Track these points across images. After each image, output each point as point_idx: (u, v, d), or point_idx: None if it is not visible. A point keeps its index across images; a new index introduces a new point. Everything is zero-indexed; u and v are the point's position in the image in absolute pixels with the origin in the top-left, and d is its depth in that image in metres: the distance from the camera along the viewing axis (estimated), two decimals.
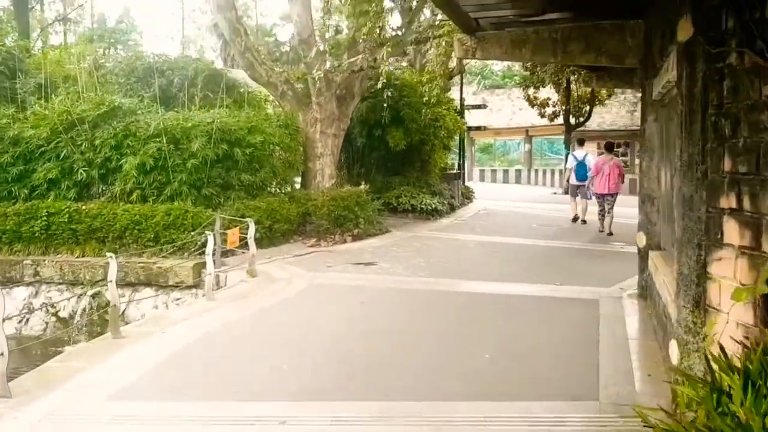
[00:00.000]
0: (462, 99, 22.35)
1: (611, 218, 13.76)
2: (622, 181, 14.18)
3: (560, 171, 31.96)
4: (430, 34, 12.12)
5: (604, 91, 27.43)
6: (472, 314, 7.18)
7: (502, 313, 7.21)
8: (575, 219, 15.58)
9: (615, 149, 27.72)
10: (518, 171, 36.67)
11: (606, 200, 13.71)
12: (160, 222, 10.64)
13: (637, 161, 31.80)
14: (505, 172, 37.35)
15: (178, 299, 10.04)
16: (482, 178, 36.32)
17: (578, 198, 15.59)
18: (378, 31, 12.62)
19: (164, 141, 11.11)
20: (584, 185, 15.32)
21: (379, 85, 11.66)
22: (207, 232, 8.48)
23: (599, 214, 13.99)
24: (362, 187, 14.29)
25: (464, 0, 6.94)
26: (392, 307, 7.59)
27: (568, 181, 16.69)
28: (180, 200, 11.07)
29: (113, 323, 6.55)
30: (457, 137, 20.70)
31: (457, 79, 24.55)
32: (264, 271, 9.75)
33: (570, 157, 16.62)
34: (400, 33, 13.68)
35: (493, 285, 8.61)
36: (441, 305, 7.65)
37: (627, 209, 17.10)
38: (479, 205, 20.51)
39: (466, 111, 22.38)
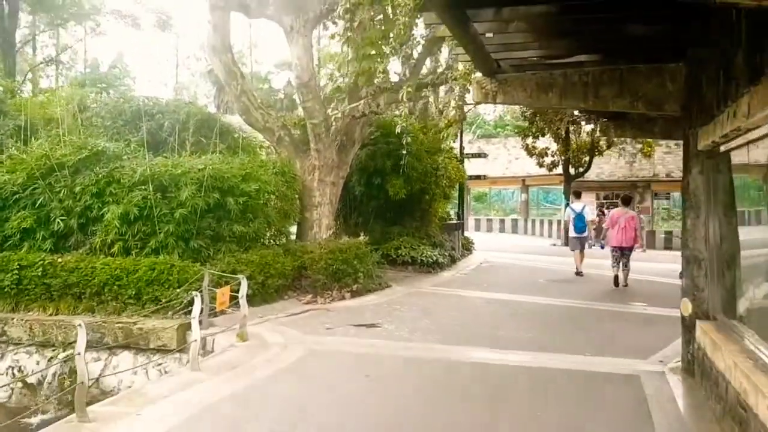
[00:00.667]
0: (462, 147, 21.75)
1: (628, 271, 13.64)
2: (640, 235, 14.00)
3: (558, 221, 31.32)
4: (447, 75, 11.42)
5: (603, 141, 27.02)
6: (496, 396, 6.23)
7: (533, 394, 6.27)
8: (580, 273, 15.58)
9: (614, 200, 27.06)
10: (514, 221, 35.99)
11: (624, 254, 13.57)
12: (143, 277, 9.68)
13: (640, 214, 31.32)
14: (502, 221, 36.67)
15: (161, 364, 9.03)
16: (477, 228, 35.57)
17: (577, 251, 15.75)
18: (381, 76, 11.96)
19: (151, 188, 10.24)
20: (585, 237, 15.69)
21: (398, 129, 10.88)
22: (193, 293, 7.54)
23: (613, 267, 13.73)
24: (362, 238, 13.44)
25: (488, 39, 6.22)
26: (402, 384, 6.63)
27: (566, 232, 16.34)
28: (166, 253, 10.14)
29: (79, 404, 5.55)
30: (457, 186, 19.98)
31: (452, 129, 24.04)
32: (256, 333, 8.79)
33: (568, 209, 16.63)
34: (404, 77, 12.99)
35: (514, 355, 7.68)
36: (458, 381, 6.69)
37: (640, 263, 16.50)
38: (480, 257, 19.68)
39: (465, 160, 21.72)
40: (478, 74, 7.52)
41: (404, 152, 15.06)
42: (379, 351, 7.87)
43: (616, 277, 13.63)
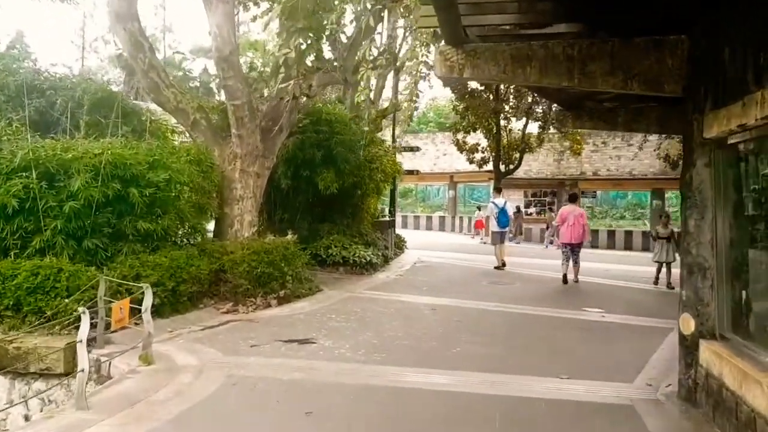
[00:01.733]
0: (394, 140, 20.55)
1: (578, 267, 13.94)
2: (587, 231, 14.29)
3: (486, 218, 30.69)
4: (388, 58, 10.09)
5: (534, 138, 26.56)
6: None
7: None
8: (499, 267, 15.93)
9: (542, 198, 26.78)
10: (442, 218, 35.20)
11: (573, 250, 13.91)
12: (23, 284, 7.86)
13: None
14: (429, 218, 35.77)
15: (42, 393, 7.31)
16: (405, 225, 34.51)
17: (498, 245, 16.16)
18: (314, 53, 10.50)
19: (34, 176, 8.42)
20: (506, 232, 16.36)
21: (361, 97, 9.34)
22: (80, 309, 5.88)
23: (563, 265, 13.93)
24: (289, 237, 11.97)
25: None
26: (353, 425, 5.26)
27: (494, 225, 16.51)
28: (53, 255, 8.36)
29: None
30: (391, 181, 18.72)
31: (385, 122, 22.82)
32: (164, 354, 7.22)
33: (490, 204, 16.86)
34: (341, 58, 11.59)
35: (477, 378, 6.46)
36: (422, 418, 5.38)
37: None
38: (413, 256, 18.53)
39: (398, 154, 20.52)
40: (441, 45, 6.23)
41: (335, 142, 13.76)
42: (318, 376, 6.46)
43: (565, 276, 13.80)
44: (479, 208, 31.98)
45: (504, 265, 15.97)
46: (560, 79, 5.89)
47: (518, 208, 29.20)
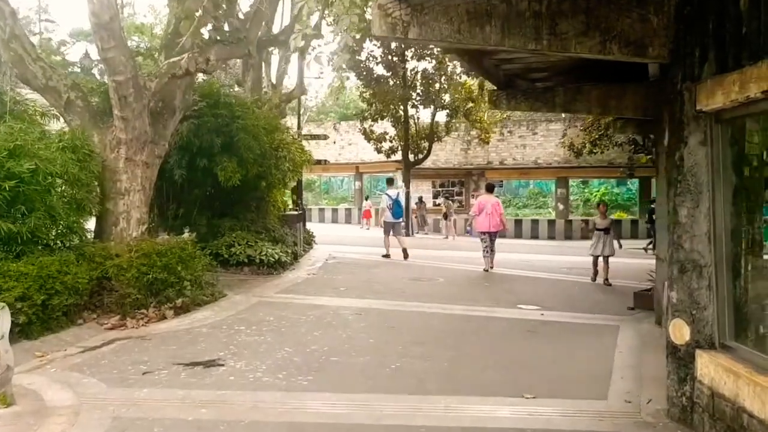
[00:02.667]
0: (300, 127, 19.16)
1: (494, 254, 14.20)
2: (503, 220, 14.63)
3: (382, 209, 29.86)
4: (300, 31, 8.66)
5: (442, 126, 25.91)
6: None
7: None
8: (387, 256, 16.00)
9: (450, 188, 26.22)
10: (348, 210, 34.04)
11: (491, 238, 14.14)
12: None
13: (473, 201, 30.77)
14: (334, 211, 34.52)
15: None
16: (309, 218, 33.05)
17: (391, 235, 16.21)
18: (212, 22, 9.02)
19: None
20: (399, 222, 16.48)
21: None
22: None
23: (484, 252, 14.18)
24: (187, 235, 10.44)
25: None
26: None
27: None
28: None
29: None
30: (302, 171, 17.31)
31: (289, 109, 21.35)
32: (30, 389, 5.65)
33: (384, 196, 16.87)
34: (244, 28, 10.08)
35: (429, 403, 5.34)
36: None
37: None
38: (323, 252, 17.25)
39: (304, 142, 19.13)
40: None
41: (237, 127, 12.27)
42: (230, 414, 5.12)
43: (489, 263, 14.11)
44: (367, 198, 31.62)
45: (405, 253, 15.86)
46: (525, 41, 4.84)
47: (420, 198, 29.09)
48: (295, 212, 17.38)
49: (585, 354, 6.98)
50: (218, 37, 9.57)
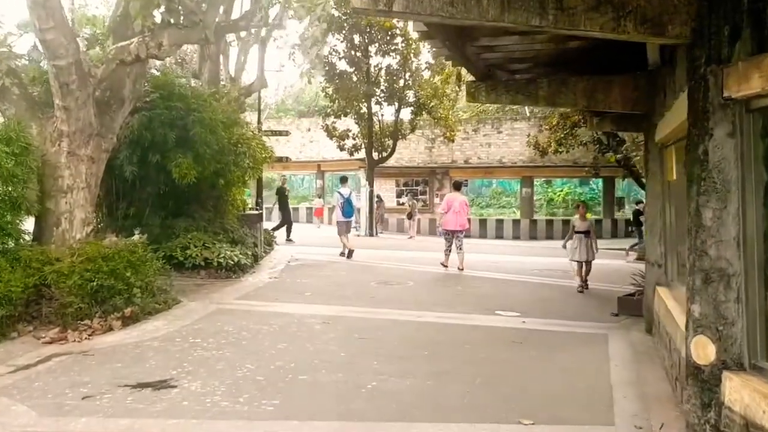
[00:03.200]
0: (260, 122, 18.31)
1: (463, 254, 13.82)
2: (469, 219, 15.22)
3: (357, 210, 29.16)
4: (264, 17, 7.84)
5: (406, 124, 25.31)
6: None
7: None
8: (343, 254, 15.87)
9: (414, 187, 25.68)
10: (310, 209, 33.13)
11: (457, 237, 13.91)
12: None
13: (437, 200, 30.24)
14: (295, 210, 33.52)
15: None
16: (269, 218, 32.08)
17: (344, 235, 16.16)
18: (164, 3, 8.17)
19: None
20: (351, 221, 16.60)
21: None
22: None
23: (446, 251, 14.00)
24: (137, 237, 9.56)
25: None
26: None
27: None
28: None
29: None
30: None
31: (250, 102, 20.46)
32: None
33: (336, 194, 16.92)
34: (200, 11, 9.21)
35: None
36: None
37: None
38: (285, 253, 16.46)
39: (265, 138, 18.27)
40: None
41: (193, 121, 11.44)
42: None
43: (447, 261, 13.96)
44: (319, 196, 31.17)
45: (351, 253, 15.82)
46: (529, 16, 4.20)
47: (379, 197, 28.50)
48: (255, 212, 16.54)
49: (578, 368, 6.41)
50: (171, 20, 8.72)
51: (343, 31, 23.28)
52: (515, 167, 28.78)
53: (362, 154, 25.19)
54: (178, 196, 13.04)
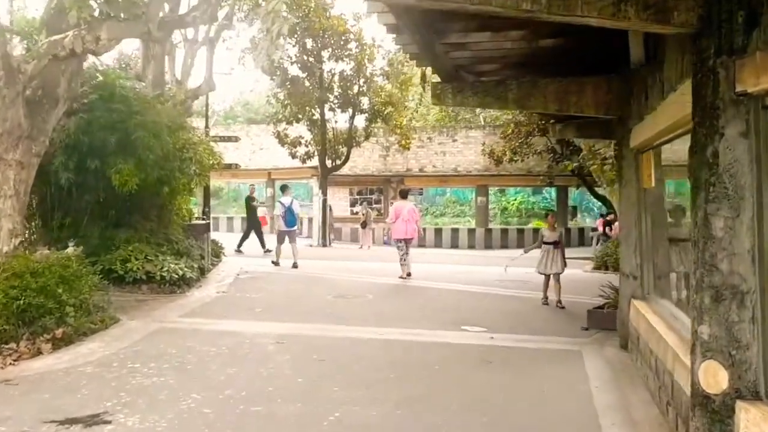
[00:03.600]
0: (208, 127, 17.51)
1: (409, 263, 13.95)
2: (419, 227, 14.66)
3: (309, 219, 28.46)
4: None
5: (360, 131, 24.77)
6: None
7: None
8: (276, 263, 15.74)
9: (368, 195, 25.20)
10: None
11: (407, 245, 13.89)
12: None
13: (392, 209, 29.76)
14: (244, 220, 32.50)
15: None
16: (217, 228, 31.02)
17: (286, 243, 15.87)
18: None
19: None
20: (294, 231, 16.09)
21: None
22: None
23: (401, 260, 13.92)
24: (71, 249, 8.75)
25: None
26: None
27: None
28: None
29: None
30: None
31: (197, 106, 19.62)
32: None
33: (277, 204, 16.69)
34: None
35: None
36: None
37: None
38: (234, 265, 15.65)
39: (213, 144, 17.44)
40: None
41: (135, 124, 10.69)
42: None
43: (407, 273, 13.81)
44: (262, 203, 30.57)
45: (295, 266, 15.46)
46: (519, 0, 3.69)
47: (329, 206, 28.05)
48: (202, 221, 15.71)
49: (557, 390, 5.93)
50: (111, 12, 7.96)
51: (296, 35, 22.64)
52: (470, 176, 28.55)
53: (315, 161, 24.49)
54: (118, 205, 12.20)
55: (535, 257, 11.23)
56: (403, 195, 14.93)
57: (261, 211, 29.76)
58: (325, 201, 24.18)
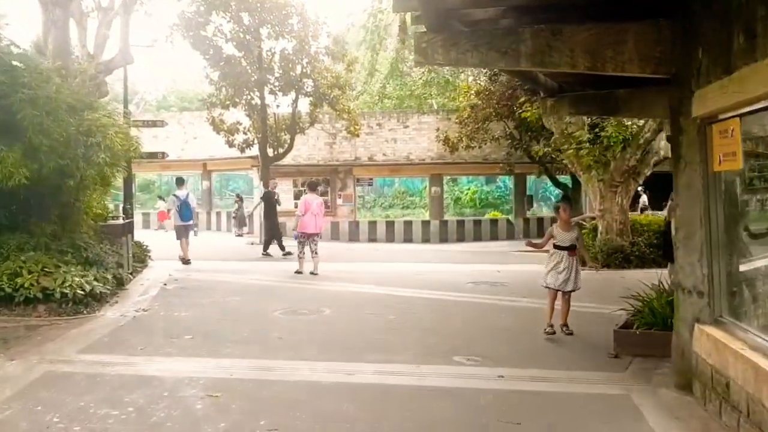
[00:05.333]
0: (126, 107, 15.00)
1: (318, 259, 13.50)
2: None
3: (249, 216, 25.99)
4: None
5: (304, 117, 22.51)
6: None
7: None
8: (187, 261, 14.90)
9: (317, 188, 23.00)
10: (195, 214, 29.33)
11: (313, 240, 13.51)
12: None
13: (340, 202, 27.58)
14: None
15: None
16: (146, 226, 28.24)
17: (183, 239, 15.22)
18: None
19: None
20: (190, 225, 15.77)
21: None
22: None
23: (300, 255, 13.54)
24: None
25: None
26: None
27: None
28: None
29: None
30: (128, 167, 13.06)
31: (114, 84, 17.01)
32: None
33: (171, 197, 16.04)
34: None
35: None
36: None
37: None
38: (161, 272, 13.34)
39: (135, 129, 14.91)
40: None
41: (21, 100, 8.32)
42: None
43: (302, 267, 13.37)
44: (161, 198, 28.49)
45: (186, 262, 14.86)
46: None
47: (238, 195, 26.61)
48: (121, 221, 13.23)
49: None
50: None
51: (230, 10, 20.19)
52: (423, 164, 26.67)
53: (255, 150, 22.09)
54: (7, 204, 9.79)
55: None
56: (313, 187, 14.51)
57: (161, 205, 27.36)
58: (267, 194, 21.85)
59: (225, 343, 7.38)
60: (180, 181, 16.44)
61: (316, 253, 13.39)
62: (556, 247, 7.66)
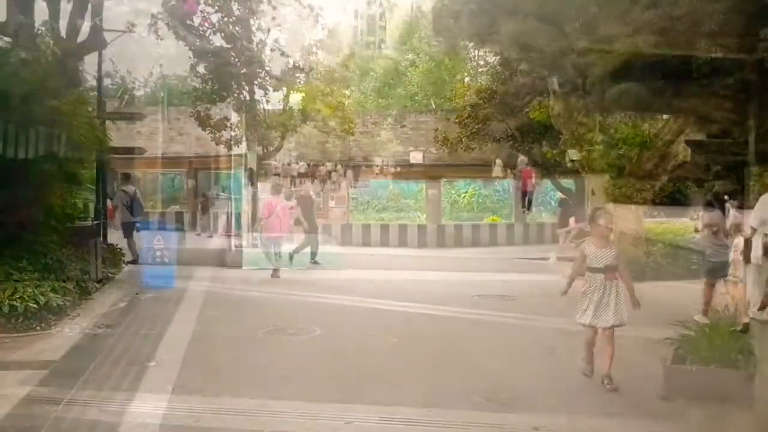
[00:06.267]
0: (101, 97, 13.78)
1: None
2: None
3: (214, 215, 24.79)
4: None
5: (296, 114, 21.35)
6: None
7: None
8: (134, 261, 13.92)
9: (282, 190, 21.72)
10: (179, 214, 28.01)
11: (277, 243, 13.42)
12: None
13: (332, 203, 26.35)
14: (162, 215, 28.36)
15: None
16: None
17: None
18: None
19: None
20: (137, 222, 15.21)
21: None
22: None
23: (276, 259, 13.28)
24: None
25: None
26: None
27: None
28: None
29: None
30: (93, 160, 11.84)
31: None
32: None
33: (120, 193, 15.42)
34: None
35: None
36: None
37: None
38: (136, 277, 12.11)
39: (108, 121, 13.66)
40: None
41: None
42: None
43: (276, 271, 13.04)
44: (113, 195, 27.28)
45: (136, 260, 14.03)
46: None
47: (204, 194, 25.50)
48: (87, 223, 11.97)
49: None
50: None
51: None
52: (420, 165, 25.57)
53: (244, 148, 20.90)
54: None
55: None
56: (277, 190, 14.58)
57: (110, 203, 26.01)
58: (255, 194, 20.69)
59: (195, 374, 6.17)
60: (127, 177, 16.21)
61: (279, 256, 13.38)
62: (590, 270, 5.98)
